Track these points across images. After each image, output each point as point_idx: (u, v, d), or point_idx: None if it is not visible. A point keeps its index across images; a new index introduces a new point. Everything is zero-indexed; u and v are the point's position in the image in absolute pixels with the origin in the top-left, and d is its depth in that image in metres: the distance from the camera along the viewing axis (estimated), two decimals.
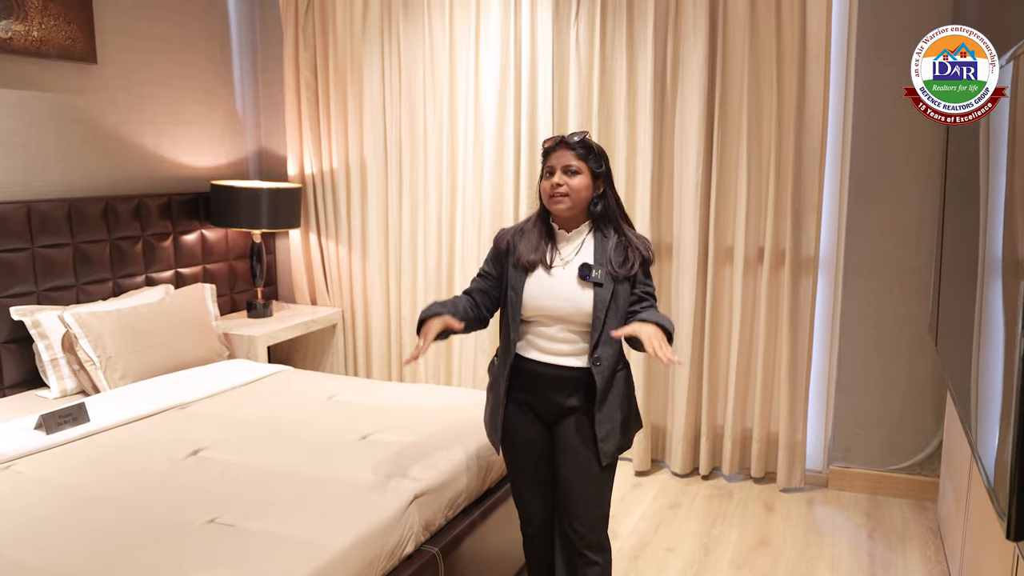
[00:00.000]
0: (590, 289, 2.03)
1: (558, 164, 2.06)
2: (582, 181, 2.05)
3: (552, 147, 2.10)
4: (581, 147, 2.07)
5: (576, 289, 2.04)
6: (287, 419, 2.77)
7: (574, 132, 2.15)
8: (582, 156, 2.06)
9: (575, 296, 2.03)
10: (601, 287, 2.03)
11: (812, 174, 3.39)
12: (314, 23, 4.07)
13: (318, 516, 2.02)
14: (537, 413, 2.14)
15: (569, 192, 2.04)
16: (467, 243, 3.92)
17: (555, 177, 2.05)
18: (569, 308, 2.03)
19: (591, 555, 2.11)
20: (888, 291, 3.44)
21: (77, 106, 3.38)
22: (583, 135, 2.09)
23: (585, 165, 2.06)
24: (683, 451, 3.69)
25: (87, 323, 3.02)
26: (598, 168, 2.09)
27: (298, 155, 4.23)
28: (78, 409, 2.65)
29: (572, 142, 2.07)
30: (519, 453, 2.19)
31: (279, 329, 3.83)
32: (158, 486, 2.22)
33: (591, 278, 2.03)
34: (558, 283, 2.05)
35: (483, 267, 2.20)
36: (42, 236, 3.18)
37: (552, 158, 2.08)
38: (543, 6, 3.64)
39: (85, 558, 1.83)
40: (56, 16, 3.22)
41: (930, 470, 3.48)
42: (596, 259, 2.06)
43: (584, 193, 2.06)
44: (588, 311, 2.03)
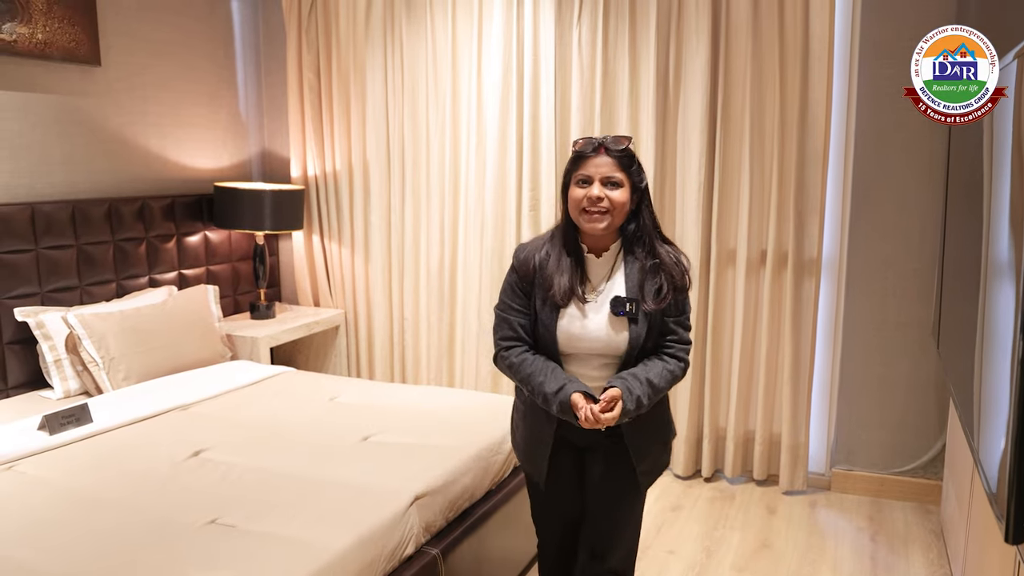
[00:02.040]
0: (624, 326, 1.84)
1: (597, 174, 1.79)
2: (623, 195, 1.80)
3: (588, 151, 1.82)
4: (624, 155, 1.80)
5: (609, 326, 1.85)
6: (289, 420, 2.77)
7: (616, 136, 1.84)
8: (625, 166, 1.80)
9: (609, 334, 1.85)
10: (636, 323, 1.84)
11: (815, 176, 3.38)
12: (317, 25, 4.08)
13: (318, 517, 2.02)
14: (572, 441, 1.97)
15: (611, 208, 1.79)
16: (470, 245, 3.92)
17: (594, 189, 1.79)
18: (602, 346, 1.87)
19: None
20: (891, 293, 3.43)
21: (81, 108, 3.39)
22: (628, 141, 1.82)
23: (627, 177, 1.80)
24: (685, 453, 3.68)
25: (91, 324, 3.03)
26: (640, 181, 1.84)
27: (301, 157, 4.24)
28: (81, 410, 2.66)
29: (615, 149, 1.79)
30: (554, 492, 2.03)
31: (282, 331, 3.84)
32: (160, 487, 2.22)
33: (624, 313, 1.83)
34: (591, 320, 1.86)
35: (510, 300, 1.94)
36: (46, 237, 3.19)
37: (588, 165, 1.80)
38: (545, 8, 3.64)
39: (86, 559, 1.83)
40: (60, 19, 3.23)
41: (933, 473, 3.47)
42: (628, 288, 1.86)
43: (625, 209, 1.82)
44: (623, 348, 1.86)
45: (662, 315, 1.89)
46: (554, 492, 2.03)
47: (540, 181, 3.76)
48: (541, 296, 1.88)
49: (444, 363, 4.09)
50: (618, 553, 1.99)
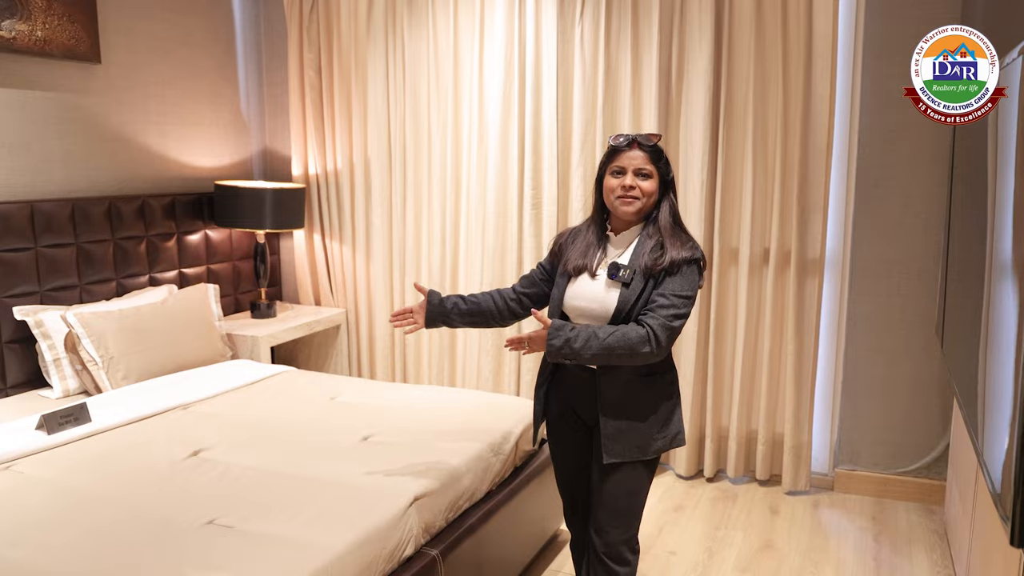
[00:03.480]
0: (616, 288, 2.01)
1: (630, 166, 2.02)
2: (653, 185, 2.03)
3: (623, 146, 2.05)
4: (654, 151, 2.03)
5: (602, 289, 2.03)
6: (289, 420, 2.76)
7: (647, 133, 2.09)
8: (654, 160, 2.03)
9: (603, 296, 2.02)
10: (628, 287, 2.00)
11: (818, 175, 3.36)
12: (318, 23, 4.07)
13: (316, 518, 2.01)
14: (580, 415, 2.14)
15: (641, 195, 2.02)
16: (471, 243, 3.91)
17: (627, 179, 2.01)
18: (595, 307, 2.02)
19: (612, 565, 2.08)
20: (895, 293, 3.41)
21: (81, 106, 3.38)
22: (658, 138, 2.06)
23: (656, 170, 2.03)
24: (688, 453, 3.66)
25: (90, 323, 3.02)
26: (666, 174, 2.06)
27: (302, 155, 4.23)
28: (80, 409, 2.65)
29: (647, 144, 2.03)
30: (555, 453, 2.25)
31: (283, 330, 3.82)
32: (158, 487, 2.21)
33: (618, 277, 2.00)
34: (590, 285, 2.05)
35: (543, 261, 2.23)
36: (46, 236, 3.18)
37: (622, 158, 2.03)
38: (548, 5, 3.62)
39: (83, 559, 1.82)
40: (60, 16, 3.22)
41: (936, 473, 3.45)
42: (632, 259, 2.03)
43: (653, 198, 2.04)
44: (611, 310, 2.00)
45: (655, 289, 2.00)
46: (560, 462, 2.26)
47: (542, 179, 3.74)
48: (561, 268, 2.13)
49: (445, 363, 4.07)
50: (614, 533, 2.08)
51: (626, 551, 2.09)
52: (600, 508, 2.09)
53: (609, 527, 2.08)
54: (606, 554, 2.08)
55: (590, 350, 1.91)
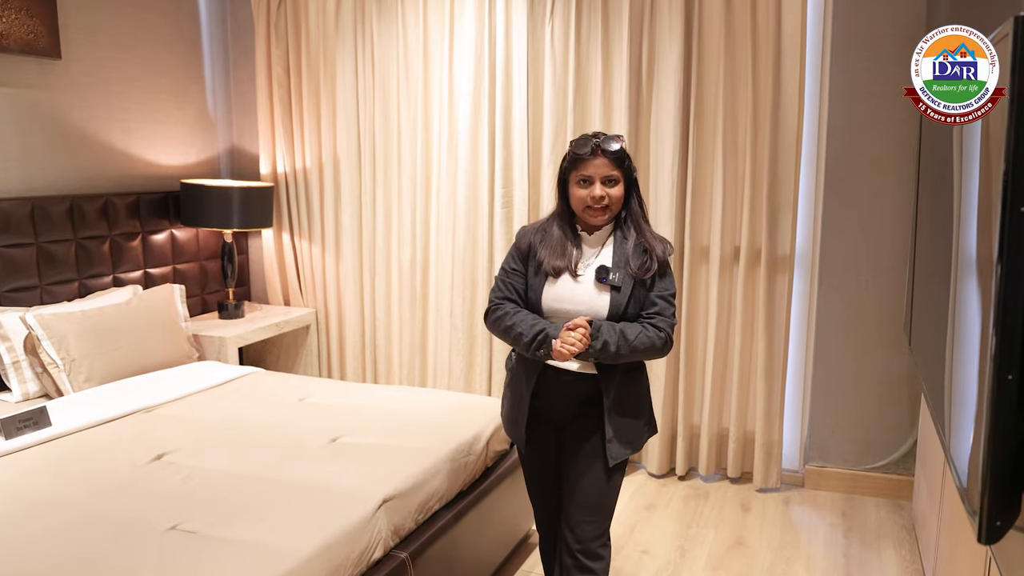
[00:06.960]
0: (607, 292, 2.00)
1: (596, 175, 1.98)
2: (620, 190, 2.01)
3: (588, 155, 1.99)
4: (618, 156, 1.99)
5: (593, 292, 2.01)
6: (255, 422, 2.71)
7: (608, 137, 2.01)
8: (619, 164, 1.99)
9: (592, 300, 2.00)
10: (618, 291, 1.99)
11: (788, 172, 3.38)
12: (286, 19, 4.01)
13: (282, 522, 1.97)
14: (550, 417, 2.13)
15: (611, 204, 2.00)
16: (442, 242, 3.88)
17: (596, 190, 1.98)
18: (583, 310, 2.00)
19: (586, 561, 2.08)
20: (864, 289, 3.43)
21: (40, 102, 3.30)
22: (621, 143, 2.00)
23: (621, 173, 2.00)
24: (659, 452, 3.66)
25: (50, 324, 2.95)
26: (631, 173, 2.04)
27: (270, 153, 4.17)
28: (39, 413, 2.58)
29: (611, 151, 1.98)
30: (532, 460, 2.21)
31: (251, 330, 3.77)
32: (118, 491, 2.16)
33: (607, 281, 1.99)
34: (576, 287, 2.02)
35: (510, 263, 2.13)
36: (4, 236, 3.10)
37: (587, 167, 1.99)
38: (518, 3, 3.60)
39: (39, 565, 1.76)
40: (17, 10, 3.14)
41: (905, 469, 3.48)
42: (615, 261, 2.02)
43: (621, 201, 2.03)
44: (603, 313, 2.00)
45: (645, 290, 2.03)
46: (538, 467, 2.21)
47: (512, 178, 3.72)
48: (534, 268, 2.07)
49: (416, 362, 4.04)
50: (588, 530, 2.08)
51: (599, 547, 2.10)
52: (573, 504, 2.09)
53: (584, 522, 2.08)
54: (580, 551, 2.08)
55: (620, 353, 1.95)
